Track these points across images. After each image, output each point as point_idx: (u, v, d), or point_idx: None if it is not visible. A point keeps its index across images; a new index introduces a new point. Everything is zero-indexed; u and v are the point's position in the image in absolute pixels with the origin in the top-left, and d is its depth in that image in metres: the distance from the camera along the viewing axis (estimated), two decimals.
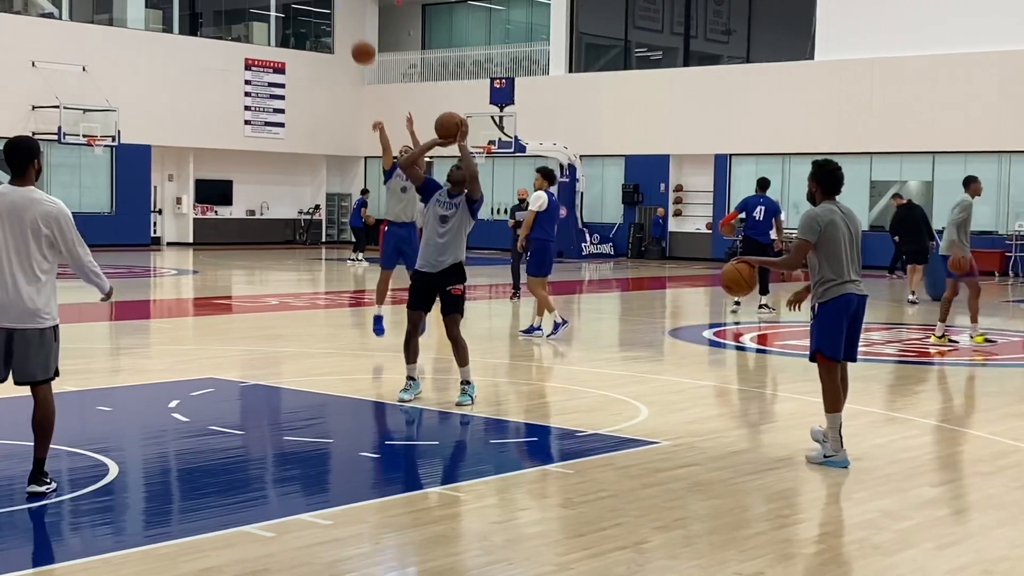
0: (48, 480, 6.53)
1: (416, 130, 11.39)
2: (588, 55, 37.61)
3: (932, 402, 10.79)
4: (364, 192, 32.02)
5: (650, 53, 37.68)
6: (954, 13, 29.18)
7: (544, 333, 14.32)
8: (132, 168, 34.77)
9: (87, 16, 35.29)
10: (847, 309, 7.66)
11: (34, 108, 32.21)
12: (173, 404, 9.35)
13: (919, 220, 20.57)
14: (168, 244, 36.87)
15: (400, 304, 12.87)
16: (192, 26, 38.11)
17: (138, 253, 32.40)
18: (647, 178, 34.61)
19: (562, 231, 33.72)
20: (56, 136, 31.32)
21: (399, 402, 9.62)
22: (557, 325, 14.32)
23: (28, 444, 6.69)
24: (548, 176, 14.88)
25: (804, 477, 7.45)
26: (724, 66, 35.50)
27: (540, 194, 14.74)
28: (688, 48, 35.90)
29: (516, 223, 17.76)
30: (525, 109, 32.32)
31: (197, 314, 17.95)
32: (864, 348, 12.44)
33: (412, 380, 9.76)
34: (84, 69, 33.06)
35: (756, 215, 17.51)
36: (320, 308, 18.91)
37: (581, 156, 34.61)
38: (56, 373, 6.60)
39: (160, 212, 37.04)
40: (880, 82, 30.17)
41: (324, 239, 40.64)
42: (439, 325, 13.36)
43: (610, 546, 5.81)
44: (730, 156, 33.12)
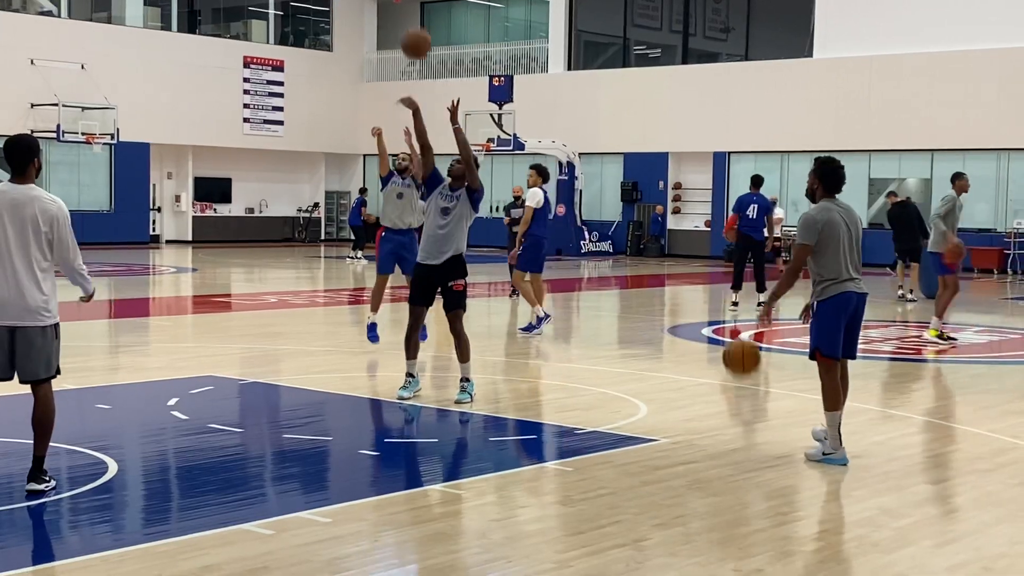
0: (47, 478, 6.53)
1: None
2: (587, 53, 37.60)
3: (931, 399, 10.79)
4: (362, 191, 32.00)
5: (649, 51, 37.68)
6: (952, 11, 29.18)
7: (528, 327, 14.29)
8: (131, 166, 34.77)
9: (86, 14, 35.26)
10: (846, 307, 7.66)
11: (33, 106, 32.21)
12: (172, 402, 9.35)
13: (912, 218, 20.59)
14: (167, 242, 36.87)
15: (399, 302, 12.86)
16: (191, 24, 38.09)
17: (137, 251, 32.40)
18: (646, 176, 34.62)
19: (561, 229, 34.01)
20: (55, 134, 31.30)
21: (398, 400, 9.62)
22: (540, 320, 14.32)
23: (27, 442, 6.69)
24: (543, 173, 14.87)
25: (803, 475, 7.45)
26: (723, 64, 35.52)
27: (537, 191, 14.72)
28: (687, 46, 35.89)
29: (512, 220, 17.73)
30: (524, 107, 32.31)
31: (196, 312, 17.94)
32: (863, 345, 12.43)
33: (411, 377, 9.76)
34: (83, 67, 33.05)
35: (749, 213, 17.55)
36: (319, 306, 18.90)
37: (580, 154, 34.61)
38: (57, 371, 6.60)
39: (159, 210, 37.04)
40: (879, 80, 30.18)
41: (323, 237, 40.63)
42: (437, 323, 13.39)
43: (609, 544, 5.81)
44: (729, 154, 33.12)
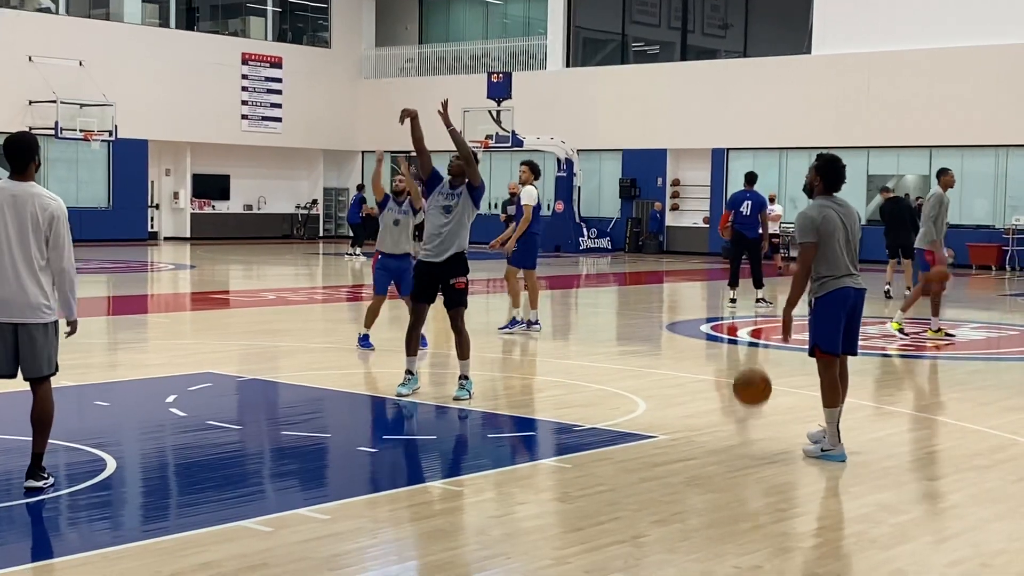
0: (46, 475, 6.52)
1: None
2: (585, 49, 37.58)
3: (929, 396, 10.79)
4: (360, 188, 31.97)
5: (647, 47, 37.65)
6: (951, 7, 29.17)
7: (505, 325, 14.16)
8: (129, 163, 34.74)
9: (83, 11, 35.22)
10: (844, 303, 7.67)
11: (31, 103, 32.17)
12: (171, 399, 9.34)
13: (904, 213, 20.60)
14: (165, 239, 36.83)
15: (397, 298, 12.84)
16: (189, 20, 38.04)
17: (135, 248, 32.39)
18: (644, 172, 34.61)
19: (560, 226, 34.02)
20: (53, 131, 31.27)
21: (397, 397, 9.62)
22: (515, 321, 14.23)
23: (26, 439, 6.68)
24: (536, 169, 14.86)
25: (802, 471, 7.45)
26: (721, 60, 35.49)
27: (532, 190, 14.66)
28: (685, 42, 35.87)
29: (508, 217, 17.72)
30: (522, 103, 32.30)
31: (195, 309, 17.93)
32: (861, 342, 12.42)
33: (411, 374, 9.75)
34: (81, 64, 33.01)
35: (743, 210, 17.54)
36: (318, 303, 18.89)
37: (578, 150, 34.58)
38: (56, 368, 6.60)
39: (157, 207, 37.00)
40: (877, 76, 30.17)
41: (321, 234, 40.61)
42: (435, 320, 13.39)
43: (608, 540, 5.81)
44: (727, 150, 33.11)
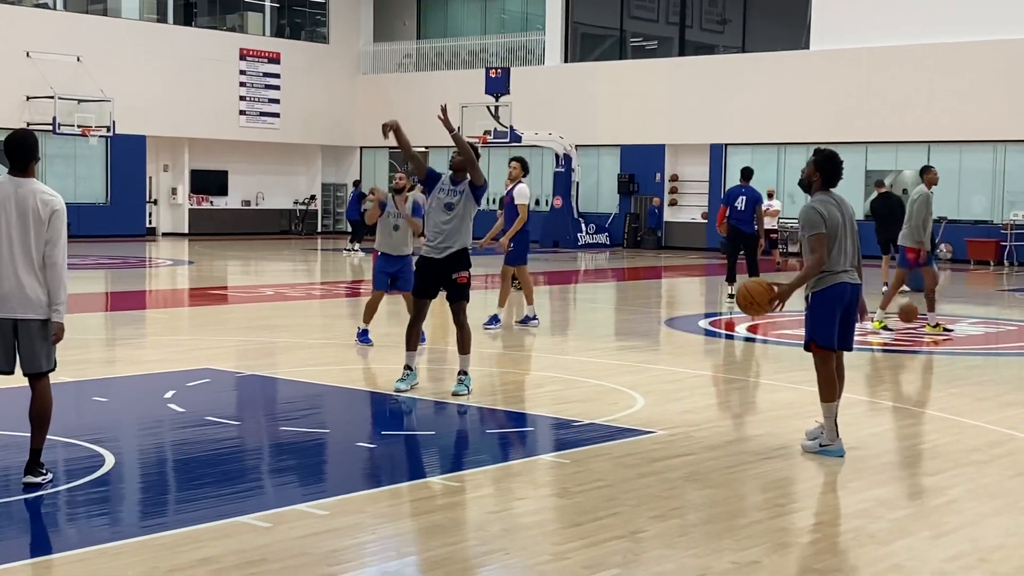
0: (44, 471, 6.53)
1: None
2: (584, 45, 37.56)
3: (927, 391, 10.80)
4: (356, 184, 31.91)
5: (645, 43, 37.61)
6: (949, 2, 29.16)
7: (489, 323, 14.10)
8: (127, 158, 34.72)
9: (81, 6, 35.17)
10: (840, 298, 7.69)
11: (28, 99, 32.14)
12: (169, 395, 9.34)
13: (895, 208, 20.62)
14: (163, 235, 36.81)
15: (397, 295, 12.84)
16: (187, 16, 38.01)
17: (133, 244, 32.36)
18: (643, 168, 34.60)
19: (558, 221, 34.01)
20: (51, 127, 31.23)
21: (396, 392, 9.62)
22: (495, 318, 14.17)
23: (24, 435, 6.68)
24: (526, 165, 14.83)
25: (800, 466, 7.46)
26: (719, 56, 35.44)
27: (525, 188, 14.60)
28: (683, 38, 35.84)
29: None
30: (521, 99, 32.27)
31: (193, 305, 17.93)
32: (860, 337, 12.44)
33: (409, 370, 9.76)
34: (79, 59, 32.97)
35: (738, 205, 17.53)
36: (316, 299, 18.89)
37: (577, 146, 34.58)
38: (55, 364, 6.60)
39: (155, 202, 36.97)
40: (875, 71, 30.16)
41: (320, 229, 40.59)
42: (434, 315, 13.39)
43: (606, 535, 5.82)
44: (725, 146, 33.10)
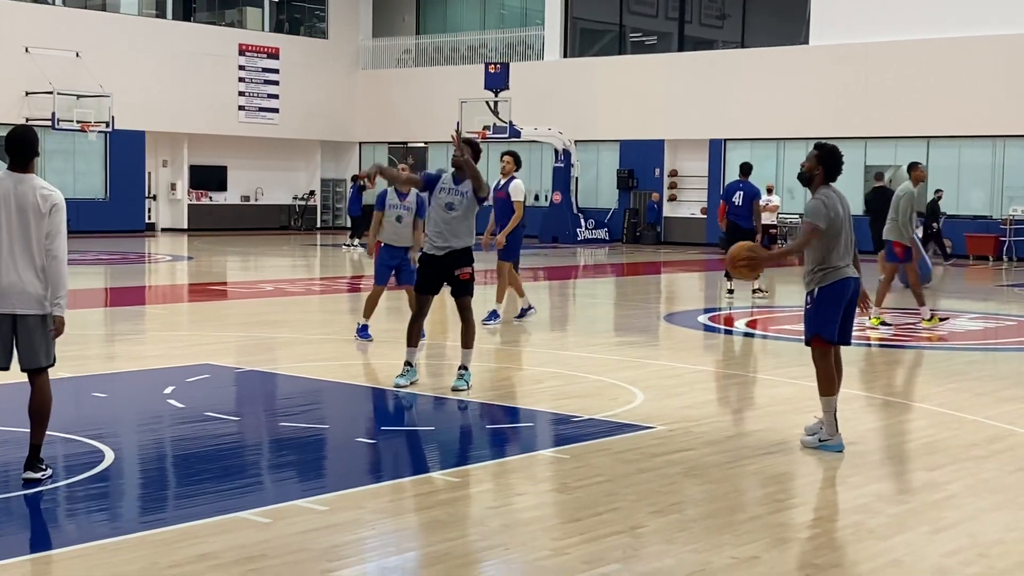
0: (44, 466, 6.52)
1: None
2: (583, 40, 37.53)
3: (926, 386, 10.80)
4: (355, 179, 31.87)
5: (645, 38, 37.60)
6: None
7: (488, 319, 14.03)
8: (126, 154, 34.71)
9: (80, 1, 35.14)
10: (845, 293, 7.73)
11: (27, 94, 32.11)
12: (168, 390, 9.34)
13: (889, 203, 20.61)
14: (163, 230, 36.81)
15: (397, 291, 12.83)
16: (186, 11, 37.98)
17: (132, 239, 32.36)
18: (642, 163, 34.59)
19: (557, 216, 34.01)
20: (50, 122, 31.19)
21: (395, 388, 9.62)
22: (494, 314, 14.18)
23: (24, 430, 6.68)
24: (519, 160, 14.83)
25: (799, 461, 7.46)
26: (719, 51, 35.45)
27: (520, 184, 14.55)
28: (683, 33, 35.83)
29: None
30: (520, 94, 32.26)
31: (192, 300, 17.93)
32: (858, 332, 12.45)
33: (409, 366, 9.75)
34: (77, 55, 32.94)
35: (736, 200, 17.55)
36: (316, 294, 18.89)
37: (576, 141, 34.57)
38: (54, 360, 6.60)
39: (154, 198, 36.95)
40: (874, 66, 30.14)
41: (319, 225, 40.57)
42: (434, 311, 13.39)
43: (606, 531, 5.82)
44: (725, 141, 33.09)
